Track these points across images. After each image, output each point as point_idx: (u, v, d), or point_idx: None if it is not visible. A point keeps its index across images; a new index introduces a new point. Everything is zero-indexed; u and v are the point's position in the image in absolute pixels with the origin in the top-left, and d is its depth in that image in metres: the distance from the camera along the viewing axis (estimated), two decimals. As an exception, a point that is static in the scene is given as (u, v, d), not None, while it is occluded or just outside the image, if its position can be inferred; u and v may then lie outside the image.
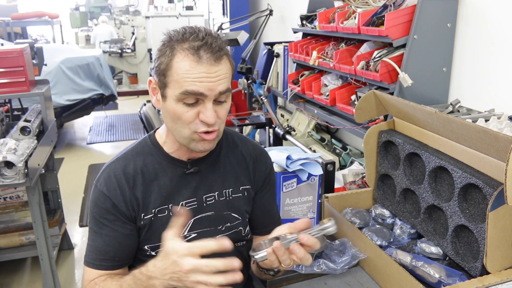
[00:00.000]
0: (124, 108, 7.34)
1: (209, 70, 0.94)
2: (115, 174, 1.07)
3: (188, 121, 0.98)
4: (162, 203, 1.08)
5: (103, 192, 1.05)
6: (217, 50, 0.95)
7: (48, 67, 4.27)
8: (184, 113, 0.97)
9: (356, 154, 2.46)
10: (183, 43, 0.95)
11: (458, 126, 1.19)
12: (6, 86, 2.40)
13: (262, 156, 1.22)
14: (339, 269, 1.26)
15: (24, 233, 2.57)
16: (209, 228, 1.12)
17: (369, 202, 1.65)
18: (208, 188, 1.12)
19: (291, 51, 2.60)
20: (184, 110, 0.97)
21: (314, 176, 1.42)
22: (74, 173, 4.52)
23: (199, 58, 0.94)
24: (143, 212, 1.07)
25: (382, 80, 1.81)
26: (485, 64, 1.71)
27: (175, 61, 0.95)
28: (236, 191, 1.16)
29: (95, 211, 1.06)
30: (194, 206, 1.10)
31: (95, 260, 1.06)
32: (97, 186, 1.07)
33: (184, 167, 1.10)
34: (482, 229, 1.13)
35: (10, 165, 2.05)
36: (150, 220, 1.07)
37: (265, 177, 1.21)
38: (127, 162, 1.09)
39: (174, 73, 0.95)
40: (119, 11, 10.10)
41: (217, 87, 0.96)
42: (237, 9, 4.25)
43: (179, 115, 0.98)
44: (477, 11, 1.72)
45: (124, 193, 1.05)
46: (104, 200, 1.05)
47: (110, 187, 1.05)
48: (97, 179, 1.08)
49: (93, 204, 1.07)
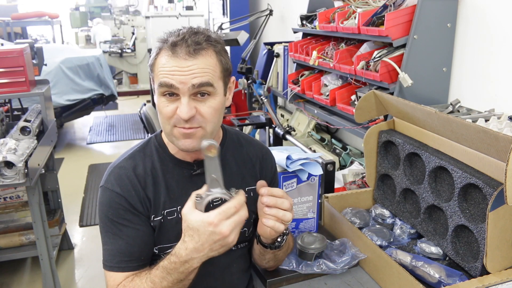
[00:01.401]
0: (124, 108, 7.34)
1: (181, 64, 0.96)
2: (127, 174, 1.05)
3: (168, 115, 0.99)
4: (171, 205, 1.08)
5: (117, 193, 1.03)
6: (193, 44, 0.96)
7: (48, 67, 4.27)
8: (164, 107, 0.99)
9: (356, 154, 2.46)
10: (167, 41, 0.99)
11: (458, 126, 1.19)
12: (6, 86, 2.40)
13: (268, 156, 1.23)
14: (339, 269, 1.26)
15: (24, 233, 2.57)
16: None
17: (369, 202, 1.65)
18: None
19: (291, 51, 2.60)
20: (164, 104, 0.99)
21: (314, 176, 1.42)
22: (74, 173, 4.52)
23: (173, 53, 0.96)
24: (154, 213, 1.07)
25: (382, 80, 1.81)
26: (485, 64, 1.71)
27: (158, 57, 1.00)
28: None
29: (111, 213, 1.03)
30: None
31: (119, 263, 1.03)
32: (107, 187, 1.05)
33: (190, 169, 1.10)
34: (482, 229, 1.13)
35: (10, 165, 2.05)
36: (159, 222, 1.07)
37: (271, 177, 1.23)
38: (136, 162, 1.08)
39: (155, 68, 1.00)
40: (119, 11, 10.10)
41: (190, 80, 0.95)
42: (237, 9, 4.26)
43: (160, 109, 1.00)
44: (477, 11, 1.72)
45: (138, 193, 1.05)
46: (120, 200, 1.03)
47: (123, 187, 1.04)
48: (105, 180, 1.06)
49: (107, 207, 1.04)
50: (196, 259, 0.90)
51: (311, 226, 1.49)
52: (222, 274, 1.16)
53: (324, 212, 1.54)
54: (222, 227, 0.86)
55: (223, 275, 1.16)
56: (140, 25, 8.72)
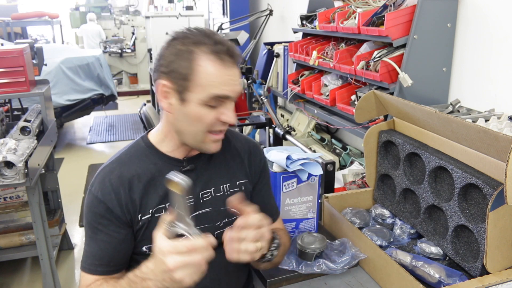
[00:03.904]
0: (124, 108, 7.34)
1: (230, 72, 0.97)
2: (110, 178, 1.06)
3: (210, 123, 1.00)
4: (159, 202, 1.08)
5: (97, 197, 1.05)
6: (235, 53, 0.98)
7: (48, 67, 4.28)
8: (207, 115, 0.99)
9: (356, 154, 2.46)
10: (201, 46, 0.96)
11: (458, 126, 1.19)
12: (6, 86, 2.40)
13: (256, 149, 1.24)
14: (339, 269, 1.26)
15: (24, 233, 2.57)
16: (206, 224, 1.12)
17: (369, 202, 1.65)
18: (204, 184, 1.12)
19: (291, 51, 2.60)
20: (206, 112, 0.98)
21: (314, 176, 1.42)
22: (74, 173, 4.52)
23: (223, 62, 0.96)
24: (140, 213, 1.07)
25: (382, 80, 1.81)
26: (485, 64, 1.71)
27: (197, 65, 0.95)
28: (233, 186, 1.16)
29: (89, 216, 1.06)
30: (191, 203, 1.10)
31: (90, 265, 1.06)
32: (91, 191, 1.07)
33: (180, 165, 1.10)
34: (482, 229, 1.13)
35: (10, 165, 2.05)
36: (147, 220, 1.07)
37: (260, 169, 1.23)
38: (122, 166, 1.09)
39: (198, 77, 0.96)
40: (119, 11, 10.10)
41: (238, 88, 0.99)
42: (237, 9, 4.25)
43: (201, 118, 0.99)
44: (477, 11, 1.72)
45: (119, 197, 1.05)
46: (98, 204, 1.05)
47: (104, 192, 1.05)
48: (91, 183, 1.08)
49: (87, 210, 1.07)
50: (152, 281, 0.88)
51: (311, 226, 1.49)
52: (217, 275, 1.15)
53: (324, 212, 1.54)
54: (169, 260, 0.84)
55: (219, 276, 1.16)
56: (140, 25, 8.71)
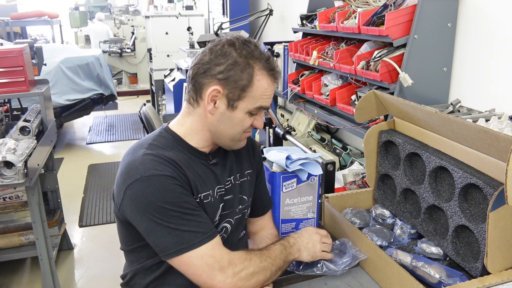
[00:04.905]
0: (124, 108, 7.33)
1: (274, 87, 1.13)
2: (164, 158, 1.06)
3: (247, 127, 1.15)
4: (204, 189, 1.14)
5: (166, 175, 1.03)
6: (278, 70, 1.13)
7: (48, 67, 4.27)
8: (247, 121, 1.13)
9: (356, 154, 2.46)
10: (258, 62, 1.09)
11: (459, 126, 1.19)
12: (5, 86, 2.40)
13: (255, 142, 1.37)
14: (340, 270, 1.25)
15: (23, 233, 2.57)
16: (228, 210, 1.21)
17: (369, 202, 1.64)
18: (227, 174, 1.23)
19: (291, 51, 2.59)
20: (247, 118, 1.13)
21: (314, 176, 1.41)
22: (73, 173, 4.52)
23: (273, 79, 1.12)
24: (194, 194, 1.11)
25: (382, 80, 1.81)
26: (485, 64, 1.71)
27: (256, 79, 1.08)
28: (243, 175, 1.28)
29: (170, 196, 1.02)
30: (222, 192, 1.20)
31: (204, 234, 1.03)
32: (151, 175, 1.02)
33: (207, 159, 1.18)
34: (482, 229, 1.13)
35: (9, 165, 2.05)
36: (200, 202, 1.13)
37: (259, 159, 1.36)
38: (161, 150, 1.10)
39: (254, 90, 1.09)
40: (119, 11, 10.09)
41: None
42: (237, 9, 4.25)
43: (242, 123, 1.13)
44: (478, 10, 1.71)
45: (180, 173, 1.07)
46: (173, 181, 1.03)
47: (168, 169, 1.04)
48: (144, 170, 1.03)
49: (162, 192, 1.01)
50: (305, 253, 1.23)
51: (311, 226, 1.49)
52: None
53: (324, 212, 1.54)
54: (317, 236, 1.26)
55: None
56: (140, 25, 8.70)
